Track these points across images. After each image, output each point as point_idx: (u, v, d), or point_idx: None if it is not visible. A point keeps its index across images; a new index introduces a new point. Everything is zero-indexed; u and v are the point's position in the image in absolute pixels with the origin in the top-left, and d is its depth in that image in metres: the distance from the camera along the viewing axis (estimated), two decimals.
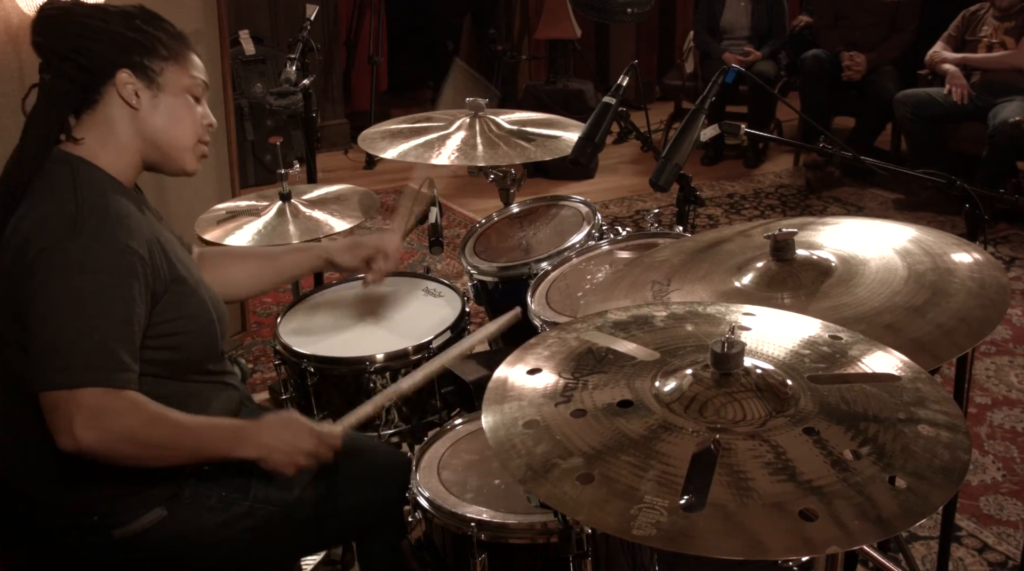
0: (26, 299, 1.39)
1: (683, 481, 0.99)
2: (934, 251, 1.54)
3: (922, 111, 4.91)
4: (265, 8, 5.79)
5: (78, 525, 1.54)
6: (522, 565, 1.48)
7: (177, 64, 1.57)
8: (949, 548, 2.01)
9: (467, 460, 1.63)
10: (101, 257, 1.41)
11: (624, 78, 2.07)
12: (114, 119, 1.53)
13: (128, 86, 1.52)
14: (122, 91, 1.52)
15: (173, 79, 1.56)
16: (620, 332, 1.31)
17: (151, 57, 1.54)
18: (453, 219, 4.94)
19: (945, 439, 1.06)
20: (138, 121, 1.55)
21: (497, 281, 2.14)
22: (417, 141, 2.35)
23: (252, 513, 1.61)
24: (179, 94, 1.57)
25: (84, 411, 1.36)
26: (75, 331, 1.38)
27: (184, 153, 1.61)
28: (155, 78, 1.55)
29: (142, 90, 1.54)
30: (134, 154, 1.57)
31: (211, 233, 2.22)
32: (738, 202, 5.25)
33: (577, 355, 1.26)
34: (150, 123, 1.55)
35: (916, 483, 0.99)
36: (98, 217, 1.44)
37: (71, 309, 1.38)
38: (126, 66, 1.52)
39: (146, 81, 1.54)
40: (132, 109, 1.53)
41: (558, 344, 1.29)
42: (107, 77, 1.51)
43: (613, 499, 0.98)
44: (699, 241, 1.75)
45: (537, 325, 1.86)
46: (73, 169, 1.49)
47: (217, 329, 1.62)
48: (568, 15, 6.12)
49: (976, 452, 2.84)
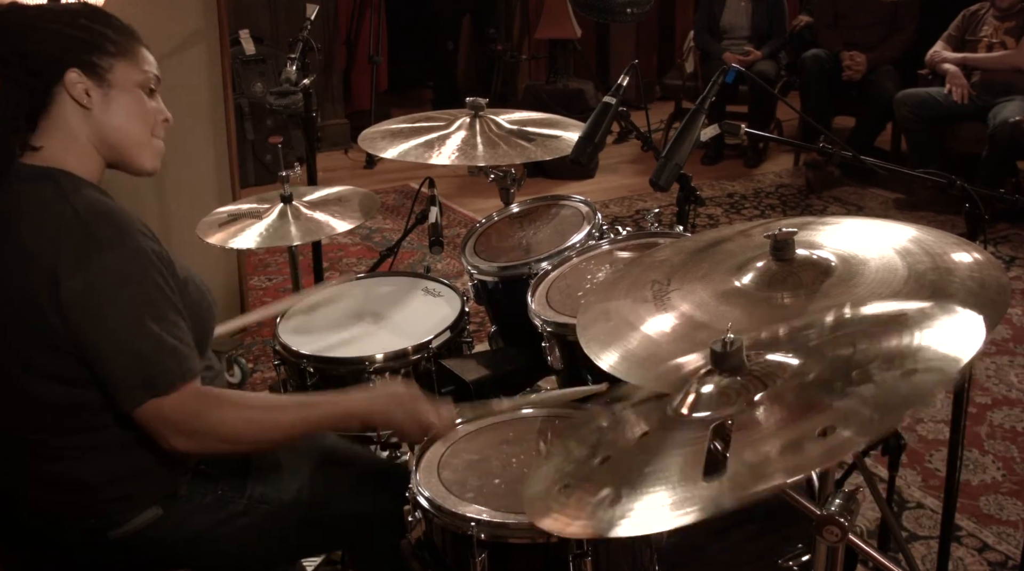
0: (79, 333, 1.39)
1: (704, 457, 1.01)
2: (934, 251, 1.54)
3: (922, 111, 4.91)
4: (265, 8, 5.79)
5: (75, 527, 1.54)
6: (522, 565, 1.48)
7: (127, 60, 1.52)
8: (949, 548, 2.01)
9: (467, 460, 1.63)
10: (131, 264, 1.41)
11: (624, 78, 2.07)
12: (70, 121, 1.49)
13: (78, 86, 1.48)
14: (72, 91, 1.48)
15: (124, 75, 1.52)
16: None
17: (99, 54, 1.50)
18: (453, 219, 4.94)
19: None
20: (93, 121, 1.51)
21: (497, 281, 2.14)
22: (417, 141, 2.35)
23: (249, 511, 1.61)
24: (131, 90, 1.53)
25: (174, 423, 1.42)
26: (142, 341, 1.40)
27: (142, 150, 1.57)
28: (105, 75, 1.50)
29: (92, 89, 1.49)
30: (95, 154, 1.53)
31: (213, 236, 2.21)
32: (738, 202, 5.25)
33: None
34: (105, 122, 1.51)
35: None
36: (106, 223, 1.42)
37: (129, 325, 1.39)
38: (75, 65, 1.47)
39: (96, 79, 1.50)
40: (85, 109, 1.49)
41: None
42: (56, 78, 1.47)
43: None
44: (699, 241, 1.75)
45: (537, 325, 1.86)
46: (56, 182, 1.46)
47: (210, 319, 1.61)
48: (568, 15, 6.12)
49: (976, 452, 2.84)
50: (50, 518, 1.55)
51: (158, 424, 1.42)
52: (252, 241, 2.19)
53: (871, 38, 5.48)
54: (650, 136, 2.31)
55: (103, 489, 1.50)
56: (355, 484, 1.74)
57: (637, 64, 2.17)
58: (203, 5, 3.05)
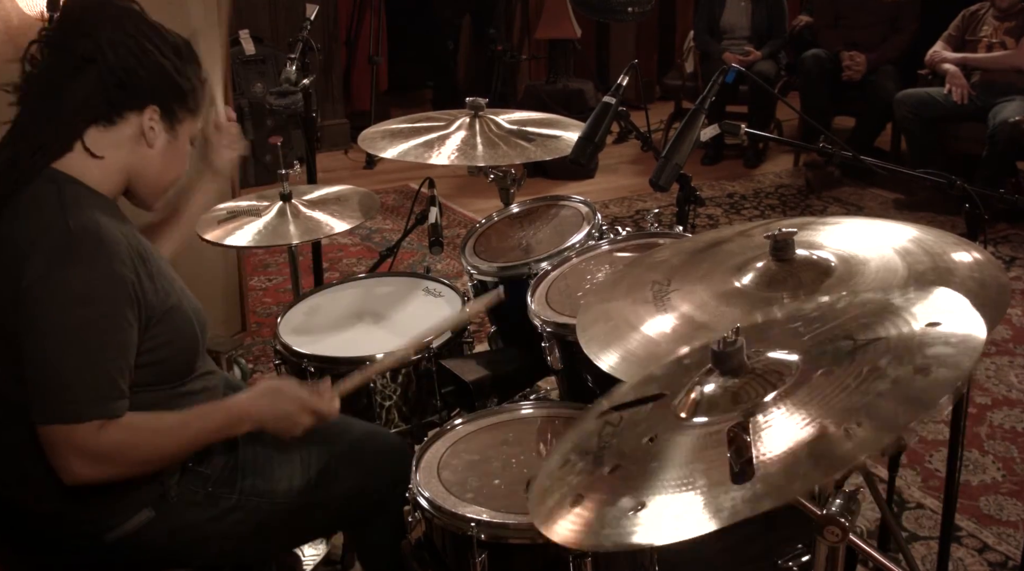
0: (23, 327, 1.39)
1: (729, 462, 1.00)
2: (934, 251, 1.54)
3: (922, 111, 4.91)
4: (265, 8, 5.79)
5: (72, 530, 1.54)
6: (522, 565, 1.48)
7: (194, 117, 1.58)
8: (949, 548, 2.01)
9: (467, 460, 1.63)
10: (99, 287, 1.41)
11: (624, 78, 2.07)
12: (122, 146, 1.51)
13: (152, 123, 1.51)
14: (146, 126, 1.51)
15: (187, 128, 1.58)
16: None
17: (181, 106, 1.55)
18: (453, 219, 4.94)
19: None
20: (143, 157, 1.54)
21: (497, 281, 2.14)
22: (417, 141, 2.35)
23: (241, 506, 1.61)
24: (186, 141, 1.59)
25: (80, 449, 1.40)
26: (76, 365, 1.39)
27: (165, 193, 1.63)
28: (175, 125, 1.56)
29: (160, 132, 1.53)
30: (122, 178, 1.55)
31: (212, 233, 2.21)
32: (738, 202, 5.25)
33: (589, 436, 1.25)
34: (155, 162, 1.55)
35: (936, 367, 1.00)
36: (91, 242, 1.42)
37: (72, 343, 1.39)
38: (159, 105, 1.52)
39: (167, 124, 1.54)
40: (146, 145, 1.53)
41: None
42: (137, 107, 1.50)
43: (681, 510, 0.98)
44: (699, 241, 1.75)
45: (537, 325, 1.86)
46: (59, 188, 1.46)
47: (200, 340, 1.61)
48: (568, 14, 6.11)
49: (976, 452, 2.84)
50: (48, 520, 1.55)
51: (61, 448, 1.40)
52: (250, 238, 2.19)
53: (871, 38, 5.48)
54: (650, 136, 2.31)
55: (90, 493, 1.49)
56: (349, 459, 1.73)
57: (637, 64, 2.17)
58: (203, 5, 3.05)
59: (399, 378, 2.00)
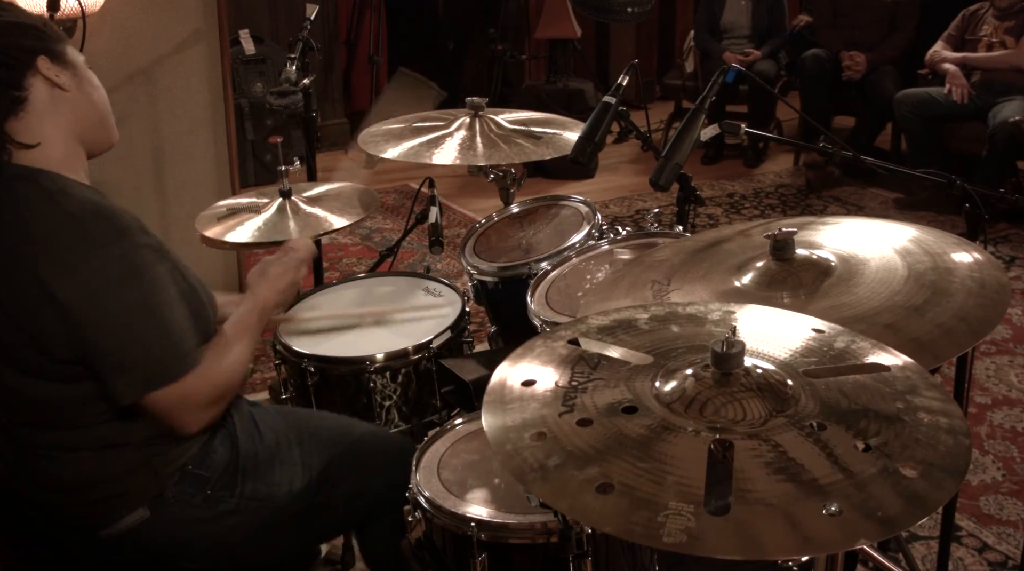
0: (84, 329, 1.40)
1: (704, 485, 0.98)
2: (934, 251, 1.54)
3: (922, 111, 4.91)
4: (265, 8, 5.79)
5: (68, 526, 1.54)
6: (522, 565, 1.48)
7: (66, 43, 1.54)
8: (949, 548, 2.01)
9: (467, 460, 1.63)
10: (132, 260, 1.42)
11: (624, 78, 2.07)
12: (49, 110, 1.48)
13: (51, 70, 1.48)
14: (48, 75, 1.48)
15: (73, 56, 1.54)
16: (607, 337, 1.30)
17: (51, 40, 1.51)
18: (453, 219, 4.94)
19: (944, 424, 1.08)
20: (72, 102, 1.51)
21: (497, 281, 2.14)
22: (417, 141, 2.35)
23: (241, 510, 1.60)
24: (83, 67, 1.56)
25: (195, 399, 1.49)
26: (154, 333, 1.44)
27: (111, 118, 1.61)
28: (64, 58, 1.52)
29: (61, 72, 1.50)
30: (77, 146, 1.53)
31: (212, 230, 2.20)
32: (738, 202, 5.25)
33: (570, 362, 1.25)
34: (83, 100, 1.53)
35: (926, 471, 1.00)
36: (102, 224, 1.42)
37: (141, 316, 1.43)
38: (42, 53, 1.48)
39: (61, 63, 1.50)
40: (63, 91, 1.49)
41: (547, 353, 1.28)
42: (28, 68, 1.46)
43: (636, 509, 0.97)
44: (699, 241, 1.75)
45: (537, 325, 1.86)
46: (38, 184, 1.44)
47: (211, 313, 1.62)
48: (568, 14, 6.11)
49: (976, 452, 2.84)
50: (45, 516, 1.55)
51: (177, 407, 1.47)
52: (250, 235, 2.18)
53: (871, 38, 5.48)
54: (650, 136, 2.31)
55: (86, 490, 1.50)
56: (351, 461, 1.72)
57: (637, 64, 2.17)
58: (203, 5, 3.05)
59: (399, 378, 1.99)
